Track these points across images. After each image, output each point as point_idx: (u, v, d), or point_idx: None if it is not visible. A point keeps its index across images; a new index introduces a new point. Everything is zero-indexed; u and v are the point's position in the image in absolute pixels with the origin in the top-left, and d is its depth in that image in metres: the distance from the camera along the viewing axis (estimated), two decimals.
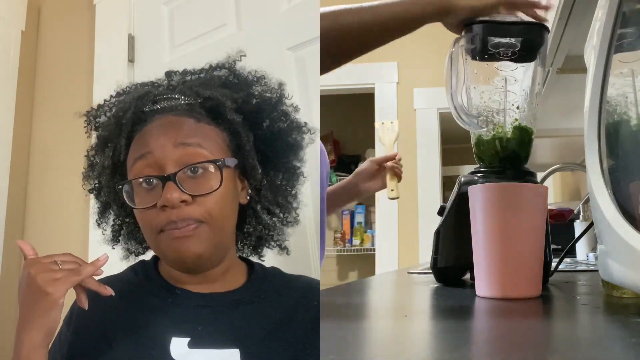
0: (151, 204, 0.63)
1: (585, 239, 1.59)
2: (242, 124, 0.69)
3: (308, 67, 1.23)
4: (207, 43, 1.42)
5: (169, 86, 0.72)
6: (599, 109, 0.49)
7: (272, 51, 1.25)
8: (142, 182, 0.64)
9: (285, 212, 0.76)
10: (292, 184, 0.76)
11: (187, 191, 0.63)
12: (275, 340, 0.64)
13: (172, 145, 0.64)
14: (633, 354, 0.32)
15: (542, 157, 2.46)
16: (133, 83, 0.74)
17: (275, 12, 1.28)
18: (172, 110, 0.68)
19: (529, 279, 0.60)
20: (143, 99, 0.68)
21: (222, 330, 0.63)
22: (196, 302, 0.65)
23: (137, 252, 0.76)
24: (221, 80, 0.73)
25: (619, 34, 0.48)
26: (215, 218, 0.64)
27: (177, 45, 1.52)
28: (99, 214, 0.75)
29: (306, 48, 1.23)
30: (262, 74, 0.74)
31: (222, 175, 0.64)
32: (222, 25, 1.40)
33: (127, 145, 0.68)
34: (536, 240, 0.61)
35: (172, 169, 0.63)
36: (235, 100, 0.69)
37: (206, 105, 0.68)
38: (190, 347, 0.62)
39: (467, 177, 0.80)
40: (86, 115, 0.74)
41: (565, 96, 1.57)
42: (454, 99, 0.79)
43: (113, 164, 0.69)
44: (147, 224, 0.64)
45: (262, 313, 0.66)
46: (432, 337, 0.41)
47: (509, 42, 0.78)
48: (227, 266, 0.69)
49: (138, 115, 0.68)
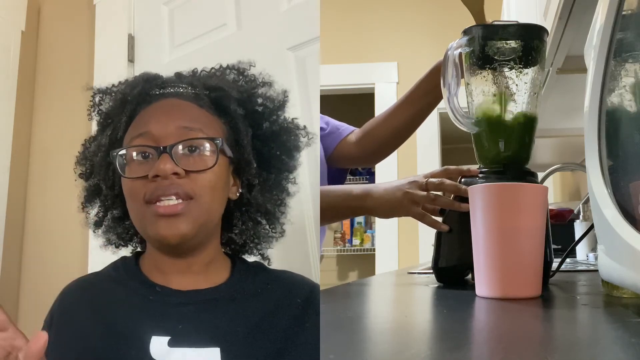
0: (142, 174, 0.63)
1: (585, 239, 1.59)
2: (242, 118, 0.69)
3: (308, 67, 1.23)
4: (207, 43, 1.42)
5: (178, 78, 0.72)
6: (599, 109, 0.49)
7: (272, 51, 1.25)
8: (137, 155, 0.64)
9: (272, 221, 0.75)
10: (283, 191, 0.76)
11: (181, 166, 0.63)
12: (256, 338, 0.63)
13: (173, 126, 0.64)
14: (633, 354, 0.32)
15: (542, 157, 2.46)
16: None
17: (275, 12, 1.28)
18: (178, 95, 0.68)
19: (529, 279, 0.60)
20: (151, 81, 0.69)
21: (203, 328, 0.63)
22: (177, 300, 0.64)
23: (117, 244, 0.75)
24: (230, 79, 0.74)
25: (618, 34, 0.48)
26: (204, 197, 0.63)
27: (177, 45, 1.52)
28: (85, 197, 0.74)
29: (306, 48, 1.22)
30: (270, 79, 0.75)
31: (218, 155, 0.65)
32: (222, 25, 1.40)
33: (127, 123, 0.68)
34: (536, 240, 0.61)
35: (169, 143, 0.63)
36: (241, 93, 0.70)
37: (211, 95, 0.69)
38: (170, 346, 0.61)
39: (467, 178, 0.80)
40: (92, 96, 0.74)
41: (565, 96, 1.57)
42: (451, 102, 0.80)
43: (110, 141, 0.69)
44: (135, 195, 0.64)
45: (243, 311, 0.65)
46: (432, 337, 0.41)
47: (510, 47, 0.78)
48: (210, 256, 0.68)
49: (143, 97, 0.68)
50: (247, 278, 0.69)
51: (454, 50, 0.80)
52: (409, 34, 3.36)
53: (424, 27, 3.36)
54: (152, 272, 0.67)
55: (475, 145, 0.82)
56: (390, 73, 3.31)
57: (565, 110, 1.75)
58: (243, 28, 1.35)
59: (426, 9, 3.40)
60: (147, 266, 0.68)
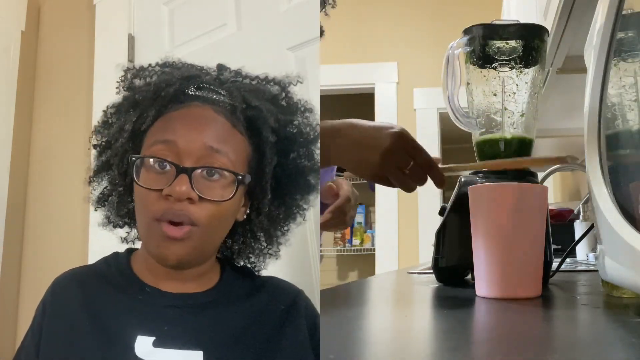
0: (156, 188, 0.61)
1: (585, 239, 1.59)
2: (272, 145, 0.66)
3: (308, 67, 1.22)
4: (207, 43, 1.42)
5: (218, 79, 0.69)
6: (599, 109, 0.49)
7: (272, 51, 1.25)
8: (155, 163, 0.62)
9: (271, 243, 0.74)
10: (290, 221, 0.74)
11: (197, 190, 0.61)
12: (239, 344, 0.63)
13: (200, 143, 0.62)
14: (633, 354, 0.32)
15: None
16: (182, 60, 0.71)
17: (275, 12, 1.28)
18: (213, 103, 0.65)
19: (529, 279, 0.60)
20: (190, 80, 0.66)
21: (188, 331, 0.62)
22: (165, 302, 0.64)
23: (116, 223, 0.74)
24: (271, 95, 0.70)
25: (618, 34, 0.48)
26: (210, 226, 0.62)
27: (177, 45, 1.52)
28: (95, 172, 0.72)
29: (306, 48, 1.22)
30: (310, 106, 0.72)
31: (237, 189, 0.63)
32: (222, 25, 1.40)
33: (154, 117, 0.65)
34: (536, 240, 0.61)
35: (190, 163, 0.61)
36: (278, 120, 0.67)
37: (248, 113, 0.66)
38: (155, 347, 0.61)
39: (467, 177, 0.80)
40: (125, 72, 0.71)
41: (565, 96, 1.57)
42: (451, 101, 0.80)
43: (133, 130, 0.66)
44: (145, 207, 0.62)
45: (228, 317, 0.65)
46: (432, 337, 0.41)
47: (510, 46, 0.78)
48: (205, 269, 0.68)
49: (178, 95, 0.65)
50: (234, 283, 0.69)
51: (454, 50, 0.80)
52: (409, 34, 3.36)
53: (424, 27, 3.36)
54: (143, 272, 0.67)
55: (475, 145, 0.82)
56: (390, 73, 3.31)
57: (565, 110, 1.75)
58: (243, 28, 1.35)
59: (426, 9, 3.40)
60: (138, 265, 0.68)
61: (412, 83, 3.28)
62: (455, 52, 0.80)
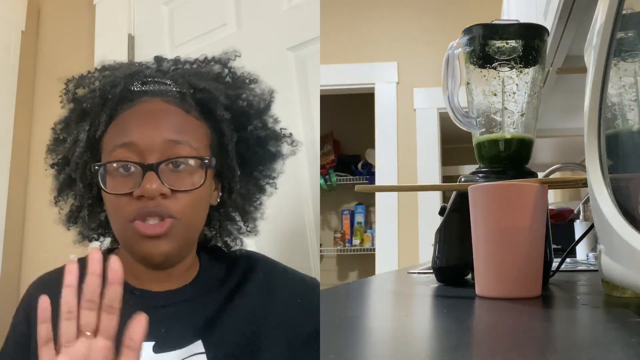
0: (126, 191, 0.60)
1: (585, 239, 1.59)
2: (228, 123, 0.66)
3: (308, 67, 1.22)
4: (207, 43, 1.42)
5: (159, 70, 0.68)
6: (599, 109, 0.49)
7: (272, 51, 1.25)
8: (119, 167, 0.61)
9: (248, 221, 0.74)
10: (261, 194, 0.74)
11: (167, 184, 0.60)
12: (232, 321, 0.64)
13: (159, 139, 0.61)
14: (633, 354, 0.32)
15: (542, 157, 2.46)
16: (118, 61, 0.70)
17: (275, 12, 1.28)
18: (162, 94, 0.64)
19: (529, 279, 0.60)
20: (133, 77, 0.65)
21: (186, 327, 0.62)
22: (156, 303, 0.64)
23: (91, 237, 0.73)
24: (214, 73, 0.70)
25: (618, 34, 0.48)
26: (189, 216, 0.62)
27: (177, 45, 1.52)
28: (58, 190, 0.71)
29: (306, 48, 1.22)
30: (255, 77, 0.72)
31: (206, 174, 0.63)
32: (222, 25, 1.40)
33: (107, 122, 0.64)
34: (536, 240, 0.61)
35: (154, 159, 0.60)
36: (228, 97, 0.67)
37: (197, 96, 0.65)
38: (155, 352, 0.60)
39: (467, 177, 0.80)
40: (66, 83, 0.70)
41: (565, 96, 1.57)
42: (451, 101, 0.80)
43: (88, 139, 0.65)
44: (118, 212, 0.61)
45: (217, 301, 0.65)
46: (432, 337, 0.41)
47: (510, 46, 0.78)
48: (189, 264, 0.68)
49: (125, 94, 0.64)
50: (213, 267, 0.70)
51: (454, 50, 0.80)
52: (409, 34, 3.36)
53: (424, 27, 3.36)
54: (126, 275, 0.66)
55: (475, 145, 0.82)
56: (390, 73, 3.31)
57: (565, 110, 1.75)
58: (243, 28, 1.35)
59: (426, 9, 3.40)
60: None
61: (412, 83, 3.28)
62: (455, 52, 0.80)
